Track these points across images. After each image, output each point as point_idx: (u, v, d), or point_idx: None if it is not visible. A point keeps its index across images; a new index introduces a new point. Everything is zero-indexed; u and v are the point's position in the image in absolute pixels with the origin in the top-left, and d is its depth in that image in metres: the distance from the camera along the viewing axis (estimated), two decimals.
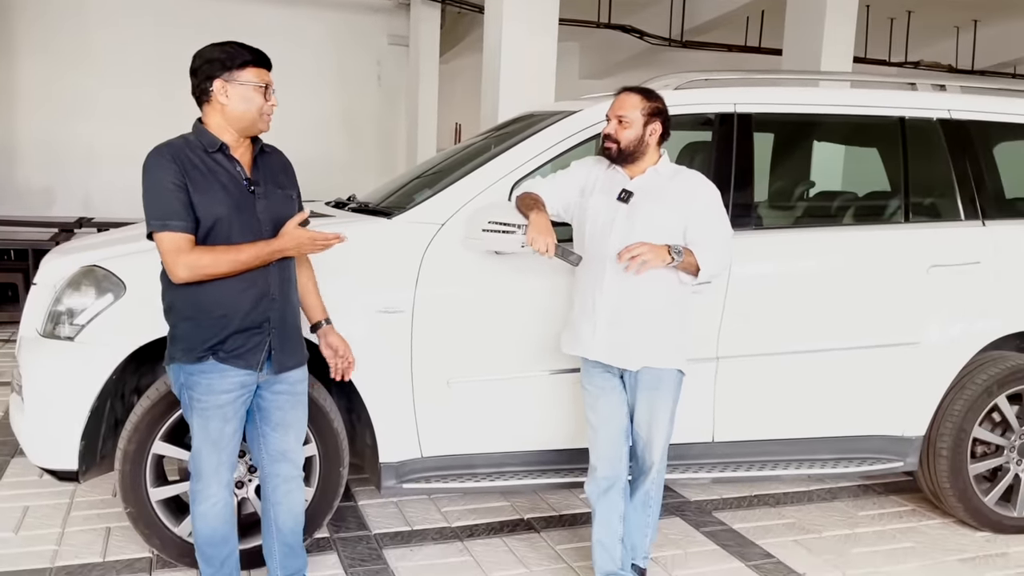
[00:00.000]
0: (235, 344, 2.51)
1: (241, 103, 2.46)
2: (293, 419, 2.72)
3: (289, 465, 2.75)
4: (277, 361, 2.60)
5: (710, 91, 3.55)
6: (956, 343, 3.56)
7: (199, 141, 2.49)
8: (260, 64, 2.50)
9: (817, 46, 7.84)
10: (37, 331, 3.05)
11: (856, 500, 4.05)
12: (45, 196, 9.43)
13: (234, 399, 2.55)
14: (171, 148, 2.48)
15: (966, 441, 3.59)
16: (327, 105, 10.51)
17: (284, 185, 2.63)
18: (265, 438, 2.70)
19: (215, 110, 2.49)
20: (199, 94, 2.51)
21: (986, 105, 3.78)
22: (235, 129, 2.50)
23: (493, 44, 6.50)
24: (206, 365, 2.50)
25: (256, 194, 2.52)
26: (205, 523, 2.66)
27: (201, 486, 2.63)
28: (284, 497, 2.78)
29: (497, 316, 3.23)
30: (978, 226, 3.62)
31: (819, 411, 3.54)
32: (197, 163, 2.45)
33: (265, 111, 2.51)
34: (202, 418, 2.55)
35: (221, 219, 2.45)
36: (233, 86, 2.46)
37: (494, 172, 3.26)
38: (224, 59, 2.46)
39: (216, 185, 2.46)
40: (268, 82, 2.51)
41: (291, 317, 2.66)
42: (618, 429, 2.94)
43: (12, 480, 3.85)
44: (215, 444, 2.58)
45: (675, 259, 2.72)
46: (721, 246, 2.83)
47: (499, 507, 3.79)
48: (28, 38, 9.20)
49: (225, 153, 2.49)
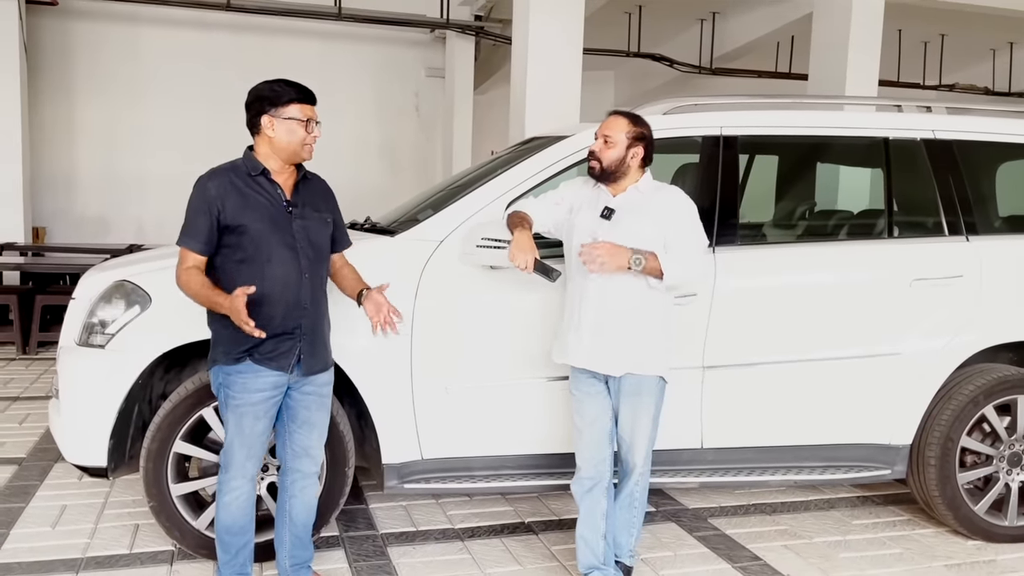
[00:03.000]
0: (269, 348, 2.80)
1: (286, 135, 2.79)
2: (318, 419, 3.00)
3: (309, 461, 3.03)
4: (306, 364, 2.89)
5: (698, 115, 3.74)
6: (939, 354, 3.67)
7: (245, 166, 2.84)
8: (304, 100, 2.83)
9: (841, 71, 7.96)
10: (74, 340, 3.37)
11: (852, 509, 4.14)
12: (101, 224, 9.98)
13: (266, 398, 2.84)
14: (215, 175, 2.83)
15: (954, 450, 3.68)
16: (368, 134, 10.94)
17: (321, 209, 2.94)
18: (291, 435, 2.98)
19: (264, 140, 2.83)
20: (250, 126, 2.87)
21: (971, 125, 3.91)
22: (280, 158, 2.83)
23: (519, 74, 6.78)
24: (242, 366, 2.79)
25: (293, 215, 2.84)
26: (228, 513, 2.93)
27: (228, 477, 2.90)
28: (300, 491, 3.05)
29: (492, 326, 3.45)
30: (962, 241, 3.74)
31: (806, 419, 3.67)
32: (240, 185, 2.79)
33: (307, 142, 2.83)
34: (236, 415, 2.84)
35: (257, 230, 2.77)
36: (279, 121, 2.79)
37: (490, 193, 3.51)
38: (272, 97, 2.80)
39: (254, 203, 2.79)
40: (311, 116, 2.84)
41: (320, 325, 2.94)
42: (602, 432, 3.13)
43: (53, 482, 4.17)
44: (245, 439, 2.86)
45: (633, 266, 2.90)
46: (689, 255, 2.99)
47: (502, 511, 3.98)
48: (86, 77, 9.80)
49: (267, 177, 2.83)
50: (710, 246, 3.49)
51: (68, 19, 9.63)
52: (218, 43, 10.06)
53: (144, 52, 9.93)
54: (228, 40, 10.08)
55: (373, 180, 10.74)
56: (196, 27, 9.89)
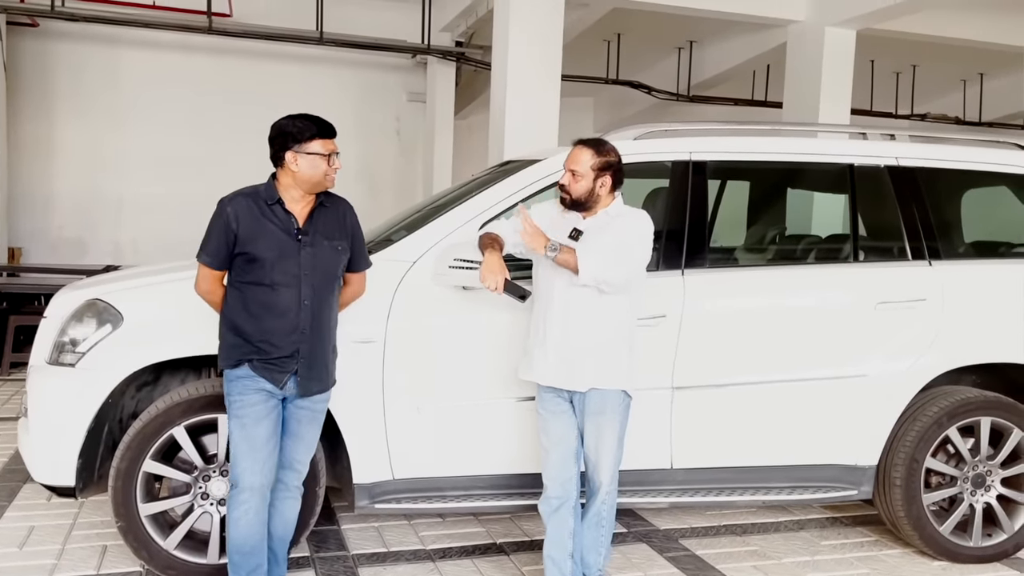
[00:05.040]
0: (265, 362, 2.90)
1: (309, 169, 2.91)
2: (306, 432, 3.06)
3: (294, 475, 3.09)
4: (303, 386, 2.97)
5: (668, 141, 3.82)
6: (904, 376, 3.73)
7: (265, 193, 2.94)
8: (325, 135, 2.93)
9: (815, 100, 8.14)
10: (44, 359, 3.36)
11: (822, 531, 4.18)
12: (78, 245, 9.92)
13: (265, 399, 2.92)
14: (235, 198, 2.93)
15: (919, 471, 3.73)
16: (349, 158, 10.88)
17: (335, 236, 3.02)
18: (280, 446, 3.02)
19: (287, 173, 2.93)
20: (274, 159, 2.95)
21: (933, 153, 4.01)
22: (303, 189, 2.94)
23: (499, 100, 6.86)
24: (241, 370, 2.91)
25: (303, 243, 2.92)
26: (236, 529, 2.96)
27: (236, 491, 2.94)
28: (281, 503, 3.09)
29: (464, 346, 3.49)
30: (924, 266, 3.82)
31: (774, 440, 3.72)
32: (255, 212, 2.90)
33: (329, 174, 2.95)
34: (238, 418, 2.91)
35: (263, 259, 2.88)
36: (302, 156, 2.89)
37: (463, 214, 3.55)
38: (295, 132, 2.90)
39: (265, 232, 2.89)
40: (332, 150, 2.95)
41: (321, 349, 3.00)
42: (568, 451, 3.16)
43: (22, 503, 4.14)
44: (250, 446, 2.91)
45: (547, 252, 2.97)
46: (614, 258, 2.98)
47: (474, 532, 3.99)
48: (66, 98, 9.78)
49: (282, 206, 2.93)
50: (679, 269, 3.58)
51: (49, 40, 9.63)
52: (200, 66, 10.08)
53: (125, 74, 9.94)
54: (210, 63, 10.10)
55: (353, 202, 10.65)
56: (178, 50, 9.92)
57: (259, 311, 2.89)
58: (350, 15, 9.93)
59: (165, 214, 9.67)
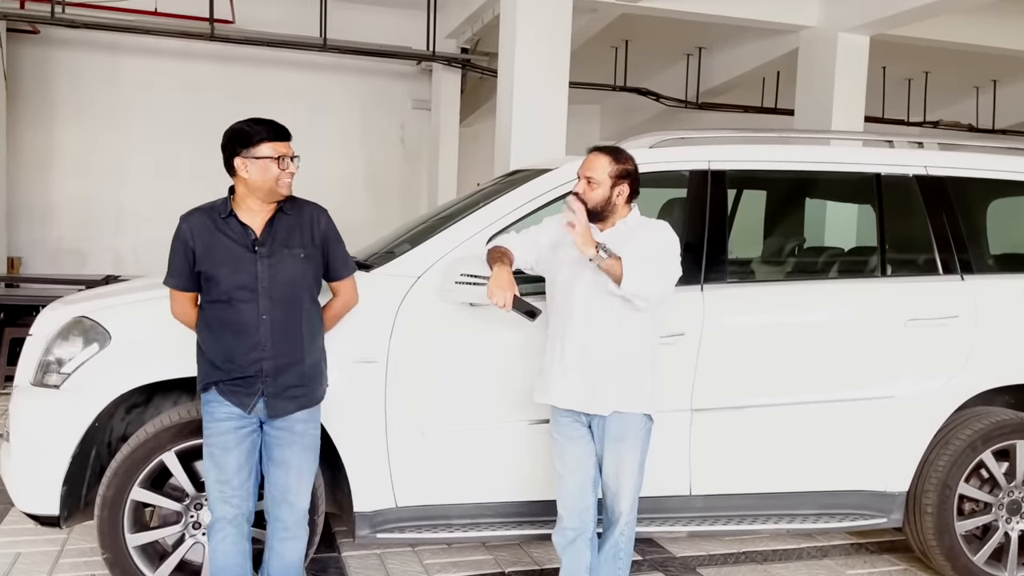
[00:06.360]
0: (230, 386, 2.75)
1: (259, 174, 2.73)
2: (290, 457, 2.83)
3: (289, 510, 2.85)
4: (272, 407, 2.78)
5: (685, 149, 3.63)
6: (936, 397, 3.54)
7: (220, 207, 2.80)
8: (275, 138, 2.75)
9: (828, 107, 7.96)
10: (28, 380, 3.18)
11: (847, 558, 3.98)
12: (78, 255, 9.77)
13: (233, 428, 2.75)
14: (191, 215, 2.80)
15: (952, 498, 3.54)
16: (354, 165, 10.83)
17: (295, 245, 2.80)
18: (268, 476, 2.86)
19: (240, 181, 2.77)
20: (227, 168, 2.79)
21: (965, 162, 3.82)
22: (257, 196, 2.77)
23: (505, 107, 6.70)
24: (210, 395, 2.78)
25: (259, 254, 2.74)
26: (215, 560, 2.80)
27: (212, 520, 2.79)
28: (279, 544, 2.87)
29: (471, 366, 3.30)
30: (957, 281, 3.63)
31: (798, 465, 3.52)
32: (210, 227, 2.76)
33: (282, 179, 2.75)
34: (208, 446, 2.78)
35: (218, 276, 2.72)
36: (251, 161, 2.73)
37: (470, 227, 3.37)
38: (243, 137, 2.74)
39: (219, 247, 2.74)
40: (284, 152, 2.75)
41: (290, 366, 2.79)
42: (585, 478, 2.97)
43: (8, 528, 3.95)
44: (219, 473, 2.76)
45: (599, 253, 2.75)
46: (652, 272, 2.82)
47: (481, 560, 3.79)
48: (66, 106, 9.64)
49: (236, 218, 2.77)
50: (698, 284, 3.39)
51: (49, 47, 9.50)
52: (202, 73, 9.95)
53: (126, 82, 9.80)
54: (212, 70, 9.96)
55: (358, 212, 10.58)
56: (179, 57, 9.78)
57: (220, 329, 2.75)
58: (354, 22, 9.79)
59: (166, 223, 9.23)
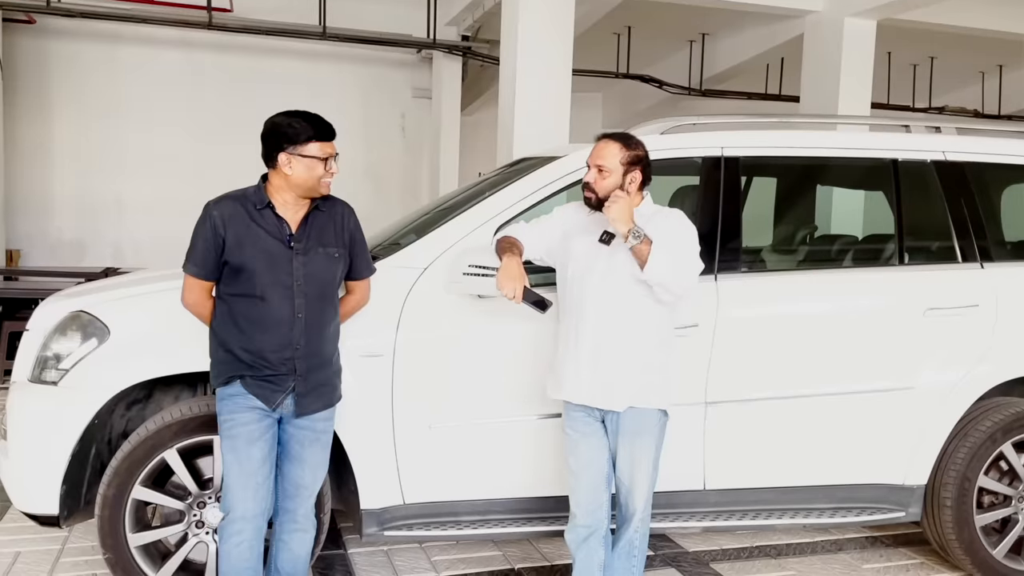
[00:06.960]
0: (258, 381, 2.66)
1: (304, 173, 2.65)
2: (309, 455, 2.79)
3: (301, 503, 2.82)
4: (300, 404, 2.72)
5: (697, 135, 3.54)
6: (955, 388, 3.45)
7: (254, 196, 2.69)
8: (323, 137, 2.65)
9: (834, 93, 7.83)
10: (26, 377, 3.10)
11: (862, 552, 3.91)
12: (77, 247, 9.69)
13: (259, 418, 2.67)
14: (222, 201, 2.69)
15: (971, 491, 3.46)
16: (354, 155, 10.68)
17: (330, 243, 2.74)
18: (282, 471, 2.79)
19: (279, 175, 2.67)
20: (266, 159, 2.68)
21: (983, 146, 3.72)
22: (296, 193, 2.68)
23: (508, 96, 6.60)
24: (233, 388, 2.68)
25: (295, 250, 2.66)
26: (228, 563, 2.71)
27: (228, 521, 2.70)
28: (289, 537, 2.83)
29: (480, 359, 3.22)
30: (976, 268, 3.54)
31: (815, 458, 3.45)
32: (244, 216, 2.66)
33: (325, 179, 2.68)
34: (230, 439, 2.68)
35: (252, 270, 2.63)
36: (296, 159, 2.63)
37: (477, 217, 3.28)
38: (290, 134, 2.63)
39: (253, 239, 2.65)
40: (330, 153, 2.67)
41: (320, 365, 2.74)
42: (599, 475, 2.89)
43: (8, 526, 3.88)
44: (243, 469, 2.66)
45: (635, 231, 2.70)
46: (677, 261, 2.75)
47: (490, 556, 3.72)
48: (64, 97, 9.53)
49: (272, 211, 2.68)
50: (711, 273, 3.30)
51: (46, 38, 9.38)
52: (200, 62, 9.83)
53: (124, 72, 9.68)
54: (211, 59, 9.84)
55: (358, 202, 10.20)
56: (178, 46, 9.66)
57: (248, 325, 2.65)
58: (354, 9, 9.66)
59: (166, 214, 9.36)
